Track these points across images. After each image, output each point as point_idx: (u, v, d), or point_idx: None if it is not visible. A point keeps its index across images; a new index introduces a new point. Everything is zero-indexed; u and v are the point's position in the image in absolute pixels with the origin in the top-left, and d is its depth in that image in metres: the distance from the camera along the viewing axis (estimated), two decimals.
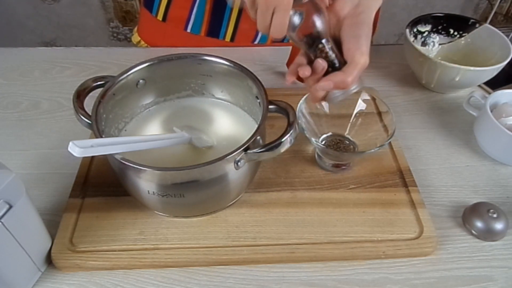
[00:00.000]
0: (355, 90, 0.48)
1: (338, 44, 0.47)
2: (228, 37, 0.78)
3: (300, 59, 0.47)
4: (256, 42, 0.80)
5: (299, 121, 0.53)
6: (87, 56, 0.77)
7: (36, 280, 0.46)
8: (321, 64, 0.45)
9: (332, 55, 0.46)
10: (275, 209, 0.52)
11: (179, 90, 0.58)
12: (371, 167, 0.58)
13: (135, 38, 0.86)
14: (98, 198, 0.53)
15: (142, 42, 0.84)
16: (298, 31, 0.45)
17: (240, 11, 0.74)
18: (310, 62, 0.47)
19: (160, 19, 0.77)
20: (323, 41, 0.45)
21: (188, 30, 0.77)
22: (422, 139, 0.64)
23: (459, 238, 0.52)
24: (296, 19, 0.44)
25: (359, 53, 0.45)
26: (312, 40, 0.45)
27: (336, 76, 0.45)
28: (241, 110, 0.58)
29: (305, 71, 0.46)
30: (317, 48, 0.45)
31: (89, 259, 0.47)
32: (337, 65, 0.46)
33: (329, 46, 0.46)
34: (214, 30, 0.77)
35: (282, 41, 0.80)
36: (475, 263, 0.49)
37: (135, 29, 0.87)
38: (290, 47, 0.71)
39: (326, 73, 0.46)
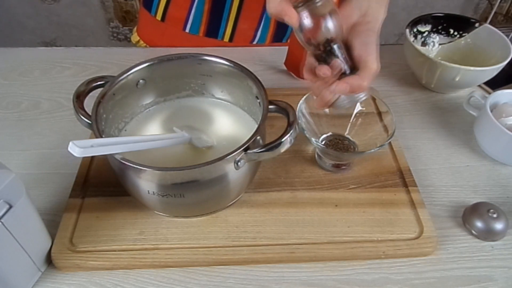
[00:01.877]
0: (363, 98, 0.47)
1: (346, 50, 0.46)
2: (226, 38, 0.78)
3: (311, 60, 0.46)
4: (254, 43, 0.80)
5: (299, 121, 0.53)
6: (87, 56, 0.77)
7: (36, 280, 0.46)
8: (340, 64, 0.44)
9: (343, 60, 0.45)
10: (275, 209, 0.52)
11: (179, 90, 0.58)
12: (371, 167, 0.58)
13: (134, 37, 0.86)
14: (98, 198, 0.52)
15: (141, 42, 0.84)
16: (309, 33, 0.44)
17: (239, 11, 0.74)
18: None
19: (159, 19, 0.78)
20: (335, 45, 0.44)
21: (187, 30, 0.77)
22: (422, 139, 0.64)
23: (459, 238, 0.52)
24: (309, 21, 0.43)
25: (371, 59, 0.44)
26: (324, 43, 0.44)
27: (353, 79, 0.44)
28: (241, 110, 0.58)
29: (326, 70, 0.44)
30: (329, 52, 0.44)
31: (89, 259, 0.47)
32: (347, 71, 0.45)
33: (341, 50, 0.45)
34: (213, 30, 0.77)
35: (281, 40, 0.80)
36: (475, 263, 0.49)
37: (135, 28, 0.87)
38: (287, 47, 0.71)
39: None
